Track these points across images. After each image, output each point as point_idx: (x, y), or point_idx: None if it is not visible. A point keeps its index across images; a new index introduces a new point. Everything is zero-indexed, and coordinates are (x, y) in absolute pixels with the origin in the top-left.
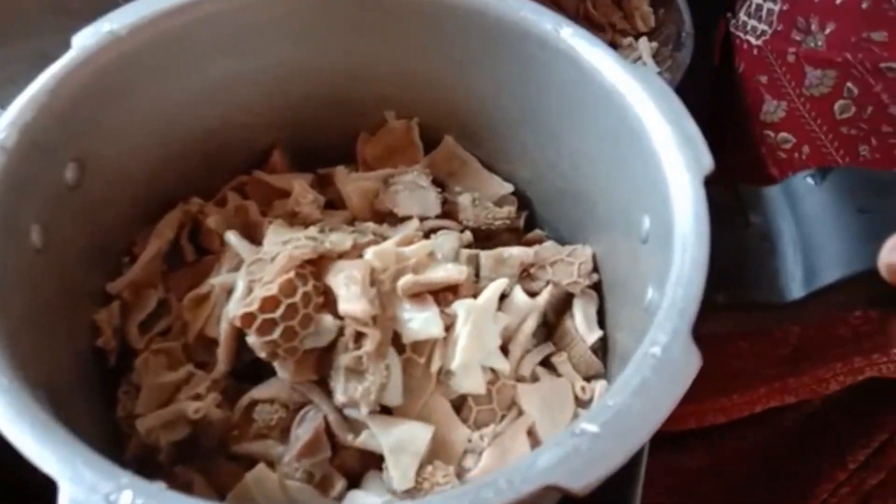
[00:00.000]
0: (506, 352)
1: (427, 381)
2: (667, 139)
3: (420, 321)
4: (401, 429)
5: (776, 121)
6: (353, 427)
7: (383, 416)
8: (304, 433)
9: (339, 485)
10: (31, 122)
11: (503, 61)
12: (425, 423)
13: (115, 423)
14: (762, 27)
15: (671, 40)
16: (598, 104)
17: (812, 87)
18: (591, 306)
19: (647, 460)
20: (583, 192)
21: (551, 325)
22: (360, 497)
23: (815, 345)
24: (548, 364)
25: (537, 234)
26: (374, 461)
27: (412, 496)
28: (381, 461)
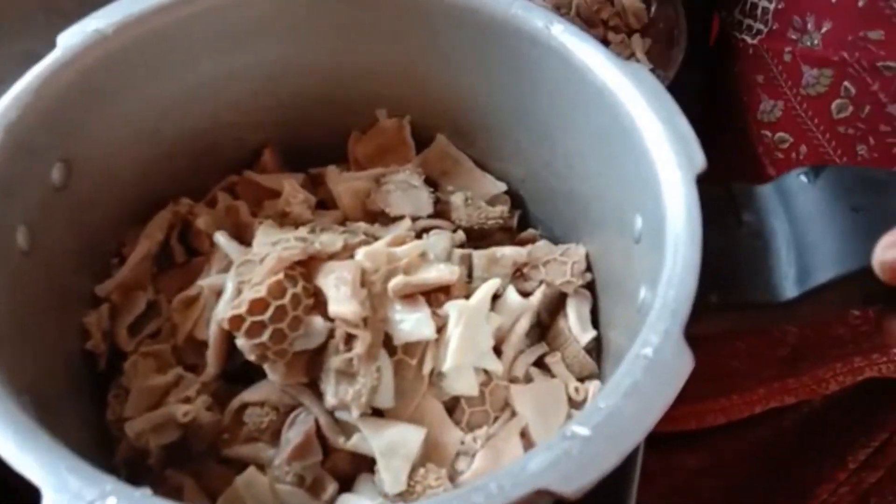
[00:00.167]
0: (499, 352)
1: (419, 382)
2: (659, 137)
3: (411, 322)
4: (392, 431)
5: (773, 120)
6: (345, 430)
7: (375, 418)
8: (294, 436)
9: (331, 488)
10: (15, 122)
11: (494, 59)
12: (417, 426)
13: (105, 427)
14: (757, 26)
15: (664, 37)
16: (590, 102)
17: (809, 87)
18: (585, 306)
19: (643, 460)
20: (576, 190)
21: (545, 326)
22: (351, 500)
23: (814, 345)
24: (541, 364)
25: (531, 233)
26: (365, 464)
27: (404, 499)
28: (373, 464)
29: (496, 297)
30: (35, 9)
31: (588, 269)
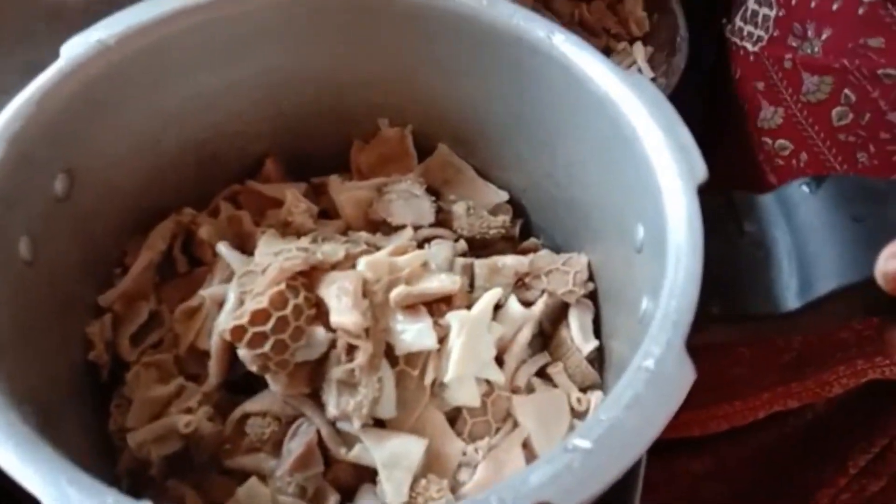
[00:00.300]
0: (501, 362)
1: (421, 393)
2: (660, 147)
3: (413, 333)
4: (394, 442)
5: (774, 127)
6: (347, 440)
7: (376, 429)
8: (296, 447)
9: (333, 499)
10: (18, 133)
11: (495, 68)
12: (419, 437)
13: (107, 437)
14: (758, 33)
15: (666, 45)
16: (591, 111)
17: (809, 94)
18: (587, 316)
19: (645, 470)
20: (577, 200)
21: (547, 335)
22: None
23: (818, 350)
24: (543, 375)
25: (533, 242)
26: (367, 475)
27: None
28: (375, 475)
29: (498, 307)
30: (37, 18)
31: (590, 278)
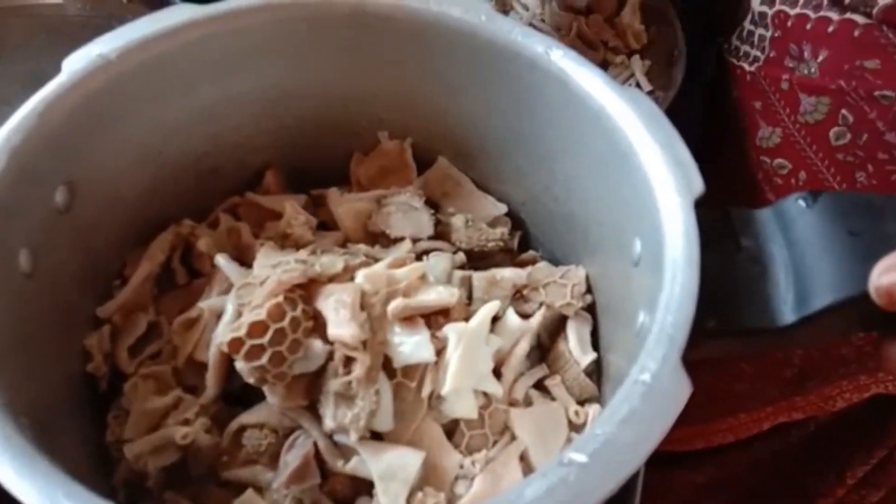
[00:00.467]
0: (498, 375)
1: (418, 405)
2: (657, 162)
3: (411, 345)
4: (391, 455)
5: (772, 146)
6: (344, 453)
7: (374, 441)
8: (293, 459)
9: None
10: (20, 146)
11: (494, 83)
12: (416, 449)
13: (105, 448)
14: (755, 53)
15: (664, 58)
16: (589, 126)
17: (807, 114)
18: (585, 328)
19: (646, 480)
20: (575, 213)
21: (545, 348)
22: None
23: (819, 365)
24: (541, 387)
25: (531, 254)
26: (364, 487)
27: None
28: (372, 487)
29: (496, 319)
30: (39, 31)
31: (588, 291)
